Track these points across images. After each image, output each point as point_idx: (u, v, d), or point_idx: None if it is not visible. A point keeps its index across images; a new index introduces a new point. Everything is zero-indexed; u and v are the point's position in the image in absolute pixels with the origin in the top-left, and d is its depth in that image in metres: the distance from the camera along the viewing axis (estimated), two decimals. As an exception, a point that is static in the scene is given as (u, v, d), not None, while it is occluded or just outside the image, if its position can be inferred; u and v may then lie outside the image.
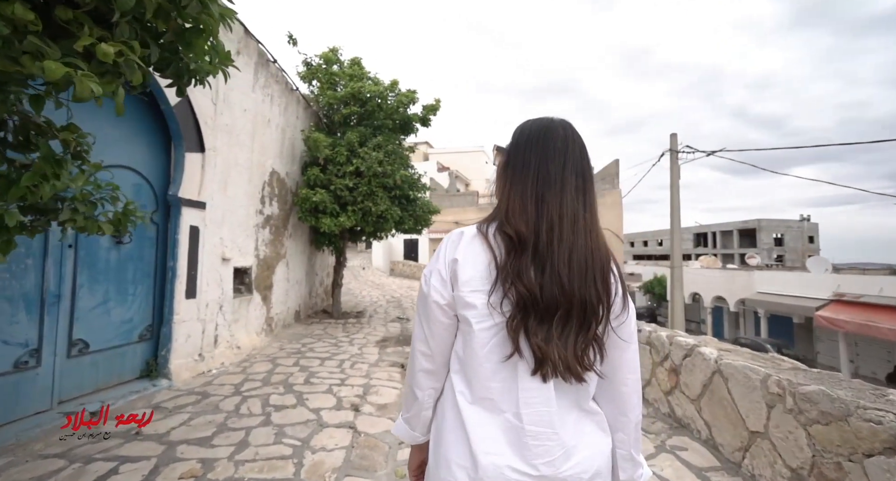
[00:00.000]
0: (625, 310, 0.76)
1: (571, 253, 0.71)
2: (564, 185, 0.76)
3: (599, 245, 0.75)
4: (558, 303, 0.69)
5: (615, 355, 0.77)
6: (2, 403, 2.44)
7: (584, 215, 0.76)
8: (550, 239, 0.72)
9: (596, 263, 0.73)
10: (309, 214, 5.98)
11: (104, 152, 3.10)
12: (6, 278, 2.48)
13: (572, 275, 0.70)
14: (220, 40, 1.89)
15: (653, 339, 3.20)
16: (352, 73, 6.80)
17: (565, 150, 0.78)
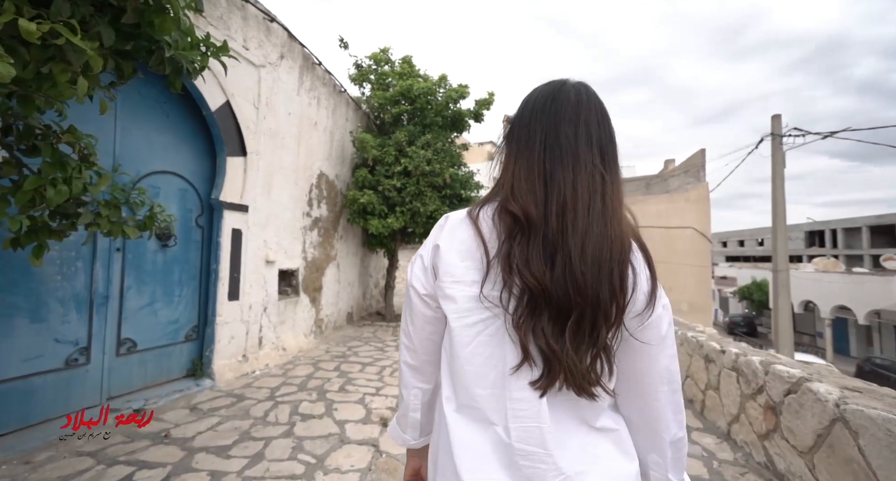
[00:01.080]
0: (649, 308, 0.62)
1: (586, 241, 0.59)
2: (578, 159, 0.63)
3: (621, 233, 0.61)
4: (573, 304, 0.58)
5: (642, 363, 0.65)
6: (53, 398, 2.60)
7: (602, 196, 0.62)
8: (562, 224, 0.60)
9: (615, 255, 0.59)
10: (357, 216, 5.96)
11: (151, 159, 3.24)
12: (58, 280, 2.64)
13: (586, 268, 0.58)
14: (190, 23, 1.75)
15: (741, 365, 2.53)
16: (402, 71, 6.70)
17: (577, 117, 0.65)
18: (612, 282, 0.59)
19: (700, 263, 13.96)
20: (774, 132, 8.51)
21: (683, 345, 3.34)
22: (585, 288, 0.57)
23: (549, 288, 0.58)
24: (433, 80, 6.49)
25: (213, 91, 3.51)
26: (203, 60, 1.81)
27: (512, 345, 0.61)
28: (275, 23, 4.22)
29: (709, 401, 2.88)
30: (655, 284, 0.63)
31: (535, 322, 0.59)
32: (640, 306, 0.61)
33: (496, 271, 0.61)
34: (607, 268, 0.59)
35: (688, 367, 3.24)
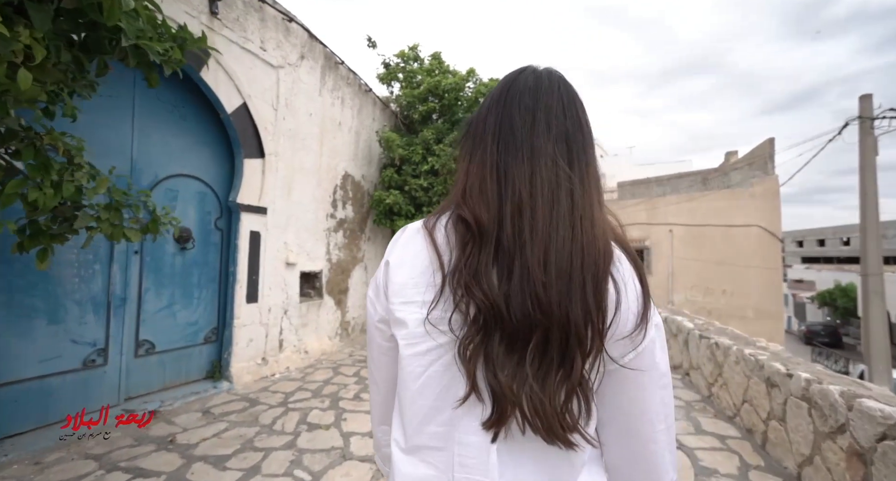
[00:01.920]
0: (640, 330, 0.50)
1: (548, 248, 0.48)
2: (535, 152, 0.53)
3: (594, 238, 0.50)
4: (533, 323, 0.47)
5: (635, 398, 0.54)
6: (71, 398, 2.66)
7: (569, 194, 0.51)
8: (518, 228, 0.50)
9: (587, 264, 0.48)
10: (384, 217, 5.85)
11: (169, 163, 3.27)
12: (75, 282, 2.70)
13: (550, 280, 0.47)
14: (153, 11, 1.63)
15: (814, 395, 2.05)
16: (430, 68, 6.52)
17: (534, 104, 0.56)
18: (585, 298, 0.48)
19: (768, 265, 12.54)
20: (863, 115, 7.37)
21: (739, 364, 2.83)
22: (550, 304, 0.47)
23: (500, 305, 0.48)
24: (461, 75, 6.24)
25: (229, 93, 3.50)
26: (175, 53, 1.70)
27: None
28: (294, 23, 4.19)
29: (772, 434, 2.39)
30: (647, 301, 0.53)
31: (486, 348, 0.49)
32: (627, 328, 0.50)
33: (450, 290, 0.52)
34: (578, 281, 0.48)
35: (745, 391, 2.74)
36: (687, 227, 14.50)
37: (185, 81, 3.33)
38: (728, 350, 3.01)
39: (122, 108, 2.95)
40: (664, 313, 4.81)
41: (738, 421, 2.81)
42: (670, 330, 4.43)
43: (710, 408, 3.16)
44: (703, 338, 3.48)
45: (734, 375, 2.90)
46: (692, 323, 4.03)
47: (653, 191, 15.83)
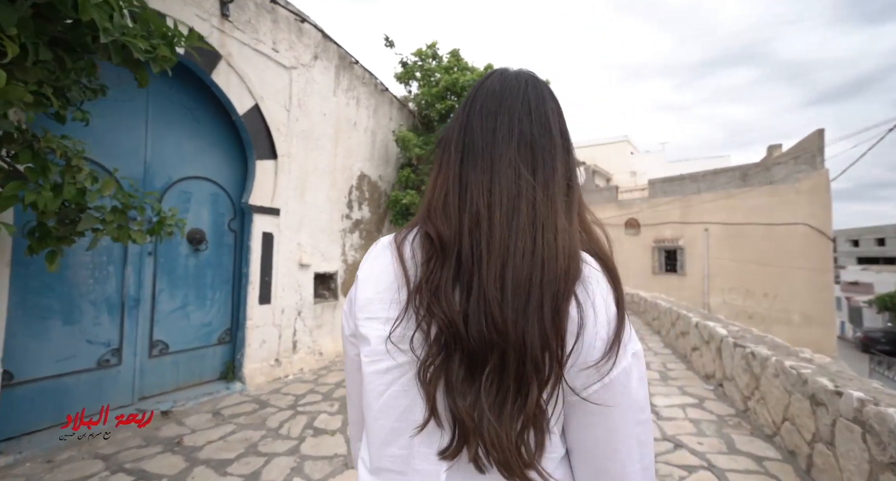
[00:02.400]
0: (609, 358, 0.45)
1: (506, 264, 0.46)
2: (494, 161, 0.51)
3: (556, 252, 0.46)
4: (490, 345, 0.44)
5: (602, 435, 0.48)
6: (86, 397, 2.71)
7: (531, 204, 0.48)
8: (476, 242, 0.47)
9: (546, 282, 0.45)
10: (401, 217, 5.78)
11: (182, 165, 3.31)
12: (90, 284, 2.76)
13: (506, 298, 0.44)
14: (142, 9, 1.58)
15: (869, 417, 1.78)
16: (448, 65, 6.41)
17: (497, 109, 0.53)
18: (541, 320, 0.44)
19: (817, 266, 11.63)
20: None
21: (779, 377, 2.55)
22: (505, 325, 0.44)
23: (458, 324, 0.45)
24: (479, 72, 6.09)
25: (240, 95, 3.51)
26: (162, 49, 1.66)
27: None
28: (306, 23, 4.18)
29: (818, 459, 2.12)
30: (622, 326, 0.46)
31: (447, 370, 0.46)
32: (593, 356, 0.45)
33: (412, 307, 0.50)
34: (537, 300, 0.44)
35: (785, 408, 2.45)
36: (724, 226, 13.69)
37: (199, 84, 3.37)
38: (766, 361, 2.72)
39: (135, 111, 2.99)
40: (695, 318, 4.48)
41: (779, 440, 2.52)
42: (701, 336, 4.11)
43: (745, 424, 2.88)
44: (738, 347, 3.18)
45: (772, 389, 2.61)
46: (726, 329, 3.71)
47: (687, 189, 15.05)
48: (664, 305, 5.98)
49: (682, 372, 4.27)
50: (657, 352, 5.15)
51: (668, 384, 3.89)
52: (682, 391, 3.66)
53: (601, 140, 31.18)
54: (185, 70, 3.24)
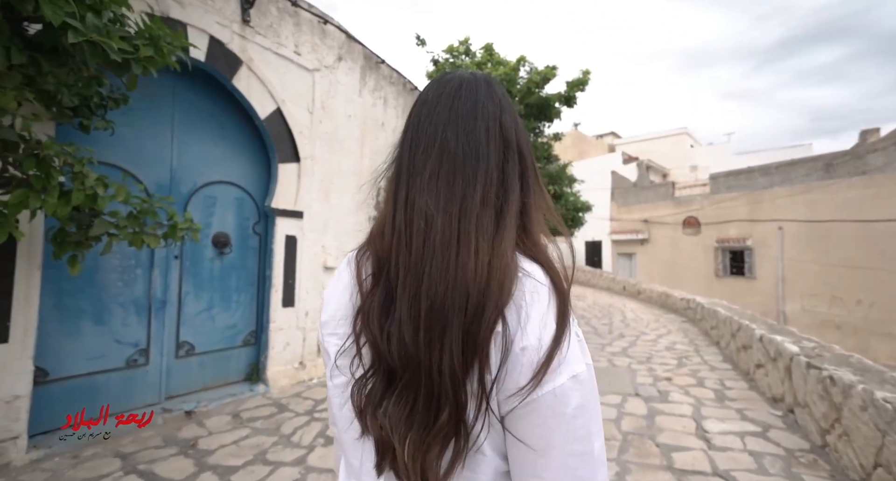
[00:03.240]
0: (534, 384, 0.42)
1: (420, 285, 0.45)
2: (415, 175, 0.50)
3: (475, 272, 0.44)
4: (406, 367, 0.45)
5: (535, 462, 0.44)
6: (116, 395, 2.82)
7: (452, 219, 0.47)
8: (399, 261, 0.48)
9: (456, 304, 0.43)
10: (431, 218, 5.64)
11: (207, 170, 3.39)
12: (119, 286, 2.87)
13: (419, 320, 0.45)
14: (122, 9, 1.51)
15: None
16: (481, 60, 6.19)
17: (428, 118, 0.52)
18: (449, 343, 0.43)
19: (923, 269, 9.93)
20: None
21: (868, 411, 2.06)
22: (417, 348, 0.44)
23: (382, 345, 0.47)
24: (511, 65, 5.81)
25: (262, 99, 3.55)
26: (145, 50, 1.62)
27: None
28: (329, 25, 4.16)
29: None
30: (557, 345, 0.43)
31: (372, 388, 0.48)
32: (520, 381, 0.42)
33: (354, 326, 0.51)
34: (447, 322, 0.43)
35: (878, 450, 1.97)
36: (803, 224, 12.14)
37: (223, 90, 3.44)
38: (849, 389, 2.23)
39: (162, 119, 3.10)
40: (759, 330, 3.89)
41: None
42: (767, 352, 3.55)
43: (822, 464, 2.39)
44: (813, 369, 2.67)
45: (859, 425, 2.12)
46: (797, 345, 3.15)
47: (756, 183, 13.56)
48: (723, 314, 5.32)
49: (742, 392, 3.72)
50: (714, 367, 4.57)
51: (726, 405, 3.39)
52: (742, 415, 3.17)
53: (657, 133, 29.20)
54: (209, 77, 3.32)
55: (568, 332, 0.44)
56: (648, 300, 10.70)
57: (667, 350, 5.43)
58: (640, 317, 8.19)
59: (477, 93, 0.53)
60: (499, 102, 0.54)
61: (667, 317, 8.14)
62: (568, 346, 0.44)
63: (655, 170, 24.33)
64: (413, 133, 0.53)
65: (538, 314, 0.44)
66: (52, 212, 1.90)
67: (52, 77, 1.59)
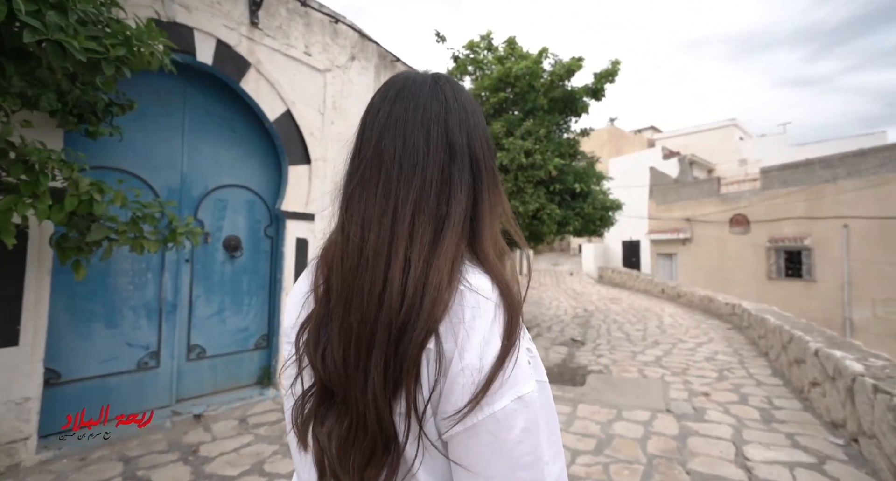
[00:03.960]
0: (472, 407, 0.40)
1: (350, 301, 0.44)
2: (356, 184, 0.49)
3: (405, 288, 0.42)
4: (336, 385, 0.44)
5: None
6: (127, 397, 2.87)
7: (385, 232, 0.45)
8: (337, 272, 0.47)
9: (382, 322, 0.42)
10: (450, 219, 5.47)
11: (218, 174, 3.40)
12: (130, 290, 2.92)
13: (347, 338, 0.43)
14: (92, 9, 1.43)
15: None
16: (503, 55, 5.96)
17: (371, 123, 0.51)
18: (375, 363, 0.41)
19: None
20: None
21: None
22: (344, 366, 0.43)
23: (317, 362, 0.46)
24: (533, 57, 5.54)
25: (271, 101, 3.52)
26: (115, 50, 1.56)
27: None
28: (341, 24, 4.10)
29: None
30: (500, 365, 0.40)
31: (310, 403, 0.47)
32: (456, 405, 0.40)
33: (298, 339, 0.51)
34: (371, 342, 0.42)
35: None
36: (875, 221, 10.93)
37: (234, 94, 3.44)
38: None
39: (172, 124, 3.12)
40: (815, 343, 3.41)
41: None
42: (824, 369, 3.10)
43: (893, 509, 2.00)
44: (881, 393, 2.26)
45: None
46: (862, 364, 2.71)
47: (816, 176, 12.37)
48: (773, 322, 4.78)
49: (794, 413, 3.28)
50: (761, 382, 4.09)
51: (773, 428, 3.00)
52: (793, 442, 2.77)
53: (702, 126, 27.47)
54: (220, 81, 3.32)
55: (514, 351, 0.42)
56: (689, 304, 9.99)
57: (706, 360, 4.97)
58: (679, 323, 7.62)
59: (419, 94, 0.50)
60: (444, 103, 0.50)
61: (709, 324, 7.53)
62: (513, 365, 0.41)
63: (699, 165, 22.88)
64: (357, 140, 0.52)
65: (480, 331, 0.41)
66: (44, 217, 1.91)
67: (18, 79, 1.56)
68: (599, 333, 6.69)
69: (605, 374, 4.43)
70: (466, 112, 0.51)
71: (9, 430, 2.30)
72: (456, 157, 0.48)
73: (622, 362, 4.89)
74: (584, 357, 5.15)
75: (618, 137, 25.48)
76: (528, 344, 0.46)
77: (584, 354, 5.29)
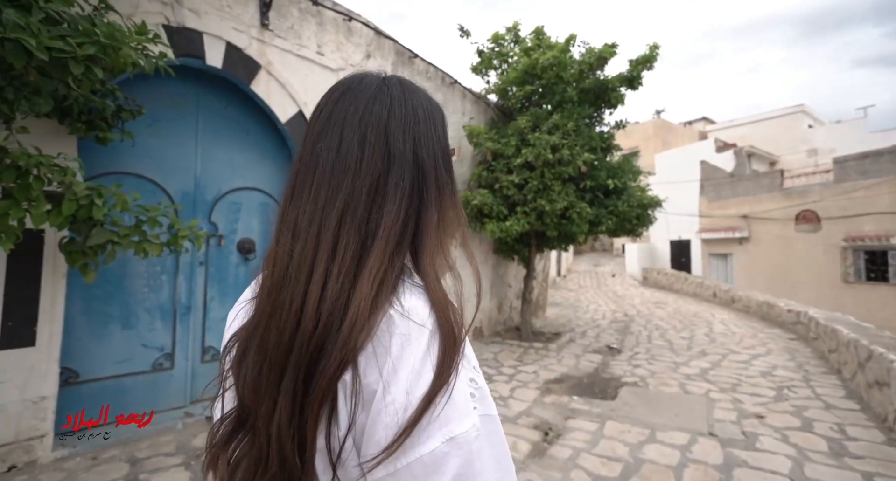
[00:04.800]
0: (394, 450, 0.35)
1: (272, 314, 0.41)
2: (296, 189, 0.46)
3: (319, 305, 0.39)
4: (247, 407, 0.42)
5: None
6: (142, 398, 2.92)
7: (309, 241, 0.42)
8: (262, 285, 0.45)
9: (296, 345, 0.39)
10: (473, 220, 5.25)
11: (232, 177, 3.42)
12: (145, 292, 2.98)
13: (262, 361, 0.40)
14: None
15: None
16: (531, 46, 5.66)
17: (313, 127, 0.48)
18: (285, 390, 0.38)
19: None
20: None
21: None
22: (255, 389, 0.40)
23: (238, 386, 0.42)
24: (560, 46, 5.20)
25: (283, 103, 3.50)
26: (84, 49, 1.52)
27: None
28: (355, 22, 4.02)
29: None
30: (429, 402, 0.36)
31: (224, 430, 0.44)
32: (380, 443, 0.36)
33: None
34: (285, 364, 0.39)
35: None
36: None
37: (246, 96, 3.45)
38: None
39: (186, 128, 3.17)
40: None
41: None
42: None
43: None
44: None
45: None
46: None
47: (903, 166, 10.84)
48: (846, 334, 4.13)
49: (874, 447, 2.76)
50: (830, 405, 3.52)
51: (845, 465, 2.53)
52: (870, 483, 2.31)
53: (763, 114, 25.18)
54: (232, 85, 3.34)
55: (449, 386, 0.37)
56: (745, 310, 9.07)
57: (763, 376, 4.39)
58: (732, 331, 6.90)
59: (359, 96, 0.47)
60: (388, 106, 0.46)
61: (768, 333, 6.74)
62: (446, 401, 0.37)
63: (759, 157, 20.95)
64: (300, 145, 0.49)
65: (409, 362, 0.37)
66: (40, 222, 1.94)
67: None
68: (639, 340, 6.18)
69: (640, 387, 4.03)
70: (416, 117, 0.47)
71: (26, 428, 2.38)
72: (394, 165, 0.45)
73: (661, 374, 4.44)
74: (618, 366, 4.74)
75: (665, 131, 23.96)
76: (473, 374, 0.43)
77: (620, 364, 4.87)
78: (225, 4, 3.14)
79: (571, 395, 3.80)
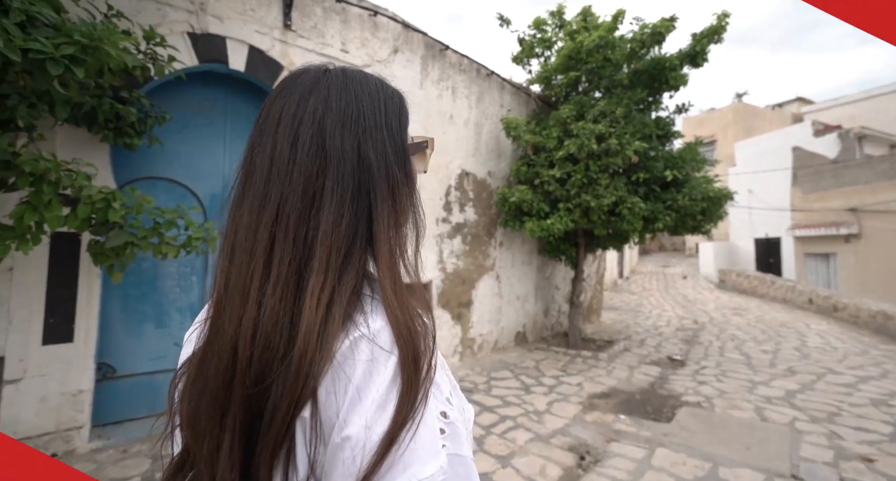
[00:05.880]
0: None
1: (213, 340, 0.39)
2: (235, 198, 0.43)
3: (255, 329, 0.36)
4: (189, 445, 0.39)
5: None
6: (174, 393, 3.04)
7: (247, 255, 0.39)
8: (211, 307, 0.42)
9: (239, 376, 0.35)
10: (512, 218, 4.91)
11: (259, 180, 3.47)
12: (176, 292, 3.10)
13: (199, 389, 0.38)
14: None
15: None
16: (576, 29, 5.21)
17: (254, 129, 0.45)
18: (228, 427, 0.35)
19: None
20: None
21: None
22: (193, 425, 0.37)
23: (182, 413, 0.40)
24: (606, 25, 4.69)
25: (306, 103, 3.48)
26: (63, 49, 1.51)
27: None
28: (381, 16, 3.91)
29: None
30: (392, 439, 0.33)
31: (169, 477, 0.42)
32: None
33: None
34: (229, 396, 0.36)
35: None
36: None
37: (272, 100, 3.48)
38: None
39: (215, 134, 3.26)
40: None
41: None
42: None
43: None
44: None
45: None
46: None
47: None
48: None
49: None
50: (971, 451, 2.71)
51: None
52: None
53: (879, 89, 21.36)
54: (257, 88, 3.38)
55: (415, 420, 0.34)
56: (852, 321, 7.65)
57: (874, 405, 3.56)
58: (833, 346, 5.79)
59: (293, 93, 0.42)
60: (325, 99, 0.42)
61: (884, 350, 5.56)
62: (410, 438, 0.33)
63: (874, 139, 17.74)
64: (250, 150, 0.44)
65: (373, 393, 0.33)
66: (56, 226, 2.02)
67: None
68: (708, 352, 5.41)
69: (704, 409, 3.45)
70: (360, 109, 0.42)
71: (66, 419, 2.54)
72: (331, 165, 0.40)
73: (733, 394, 3.78)
74: (679, 382, 4.14)
75: (748, 116, 21.37)
76: (445, 406, 0.40)
77: (681, 379, 4.25)
78: (248, 8, 3.17)
79: (618, 414, 3.35)
